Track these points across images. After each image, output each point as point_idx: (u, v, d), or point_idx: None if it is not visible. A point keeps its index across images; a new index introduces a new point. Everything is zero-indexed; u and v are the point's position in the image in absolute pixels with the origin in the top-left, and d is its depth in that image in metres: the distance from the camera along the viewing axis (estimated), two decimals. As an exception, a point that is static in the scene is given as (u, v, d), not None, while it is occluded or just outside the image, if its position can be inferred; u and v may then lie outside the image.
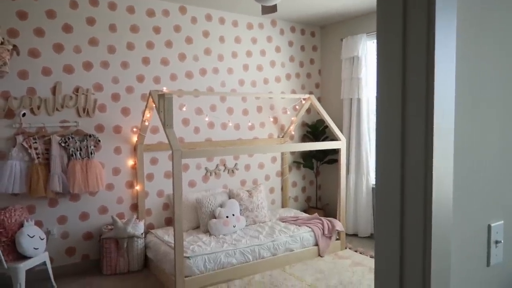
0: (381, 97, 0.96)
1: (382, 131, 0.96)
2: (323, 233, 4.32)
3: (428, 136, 0.86)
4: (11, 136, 3.63)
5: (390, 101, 0.94)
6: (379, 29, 0.95)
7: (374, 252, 1.01)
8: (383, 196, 0.96)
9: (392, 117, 0.92)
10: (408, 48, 0.90)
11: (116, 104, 4.12)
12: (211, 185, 4.76)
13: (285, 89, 5.29)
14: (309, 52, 5.51)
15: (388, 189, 0.93)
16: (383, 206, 0.95)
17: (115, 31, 4.07)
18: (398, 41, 0.91)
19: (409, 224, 0.91)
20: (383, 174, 0.95)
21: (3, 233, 3.34)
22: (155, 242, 4.00)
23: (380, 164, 0.96)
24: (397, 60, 0.91)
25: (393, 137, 0.92)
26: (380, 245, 0.98)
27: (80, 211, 4.00)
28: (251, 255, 3.84)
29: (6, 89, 3.59)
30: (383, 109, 0.96)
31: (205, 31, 4.62)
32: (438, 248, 0.88)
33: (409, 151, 0.89)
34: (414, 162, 0.89)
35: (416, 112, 0.88)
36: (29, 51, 3.67)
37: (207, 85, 4.67)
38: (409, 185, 0.89)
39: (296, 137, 5.45)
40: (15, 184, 3.55)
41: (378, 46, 0.98)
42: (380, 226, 0.96)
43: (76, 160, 3.81)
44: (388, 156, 0.94)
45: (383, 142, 0.95)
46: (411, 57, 0.89)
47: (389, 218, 0.93)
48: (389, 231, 0.95)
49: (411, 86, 0.89)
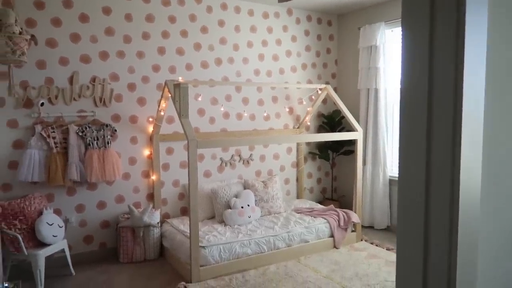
0: (406, 85, 0.92)
1: (406, 121, 0.91)
2: (339, 225, 4.28)
3: (456, 126, 0.82)
4: (30, 125, 3.68)
5: (415, 89, 0.89)
6: (404, 12, 0.91)
7: (396, 250, 0.98)
8: (406, 190, 0.92)
9: (418, 106, 0.88)
10: (435, 33, 0.85)
11: (132, 94, 4.13)
12: (226, 175, 4.76)
13: (301, 79, 5.23)
14: (326, 42, 5.42)
15: (412, 184, 0.89)
16: (406, 201, 0.92)
17: (131, 20, 4.06)
18: (425, 25, 0.86)
19: (434, 220, 0.87)
20: (407, 167, 0.91)
21: (23, 220, 3.41)
22: (170, 231, 4.03)
23: (404, 156, 0.92)
24: (424, 46, 0.87)
25: (418, 128, 0.88)
26: (403, 242, 0.95)
27: (98, 200, 4.05)
28: (266, 246, 3.84)
29: (24, 79, 3.63)
30: (407, 97, 0.92)
31: (220, 21, 4.58)
32: (465, 246, 0.85)
33: (435, 143, 0.85)
34: (440, 155, 0.84)
35: (443, 100, 0.84)
36: (46, 41, 3.69)
37: (222, 75, 4.64)
38: (434, 179, 0.85)
39: (312, 128, 5.39)
40: (34, 173, 3.61)
41: (403, 29, 0.93)
42: (403, 223, 0.92)
43: (93, 150, 3.85)
44: (412, 148, 0.90)
45: (407, 133, 0.91)
46: (439, 41, 0.85)
47: (413, 214, 0.90)
48: (412, 229, 0.91)
49: (439, 73, 0.85)
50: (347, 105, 4.96)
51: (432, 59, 0.86)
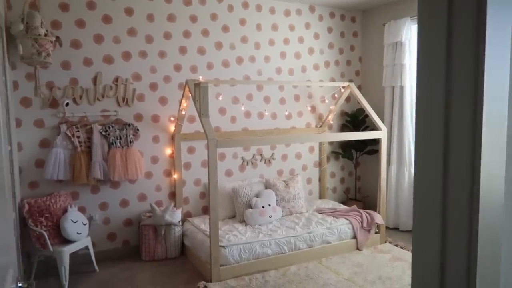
0: (422, 82, 0.86)
1: (422, 123, 0.86)
2: (362, 226, 4.19)
3: (476, 128, 0.75)
4: (56, 125, 3.77)
5: (432, 87, 0.83)
6: (420, 2, 0.85)
7: (412, 256, 0.92)
8: (421, 197, 0.86)
9: (434, 105, 0.82)
10: (454, 25, 0.79)
11: (154, 93, 4.17)
12: (247, 174, 4.74)
13: (323, 77, 5.14)
14: (349, 38, 5.30)
15: (428, 191, 0.83)
16: (422, 205, 0.86)
17: (153, 20, 4.10)
18: (443, 17, 0.80)
19: (451, 230, 0.81)
20: (422, 173, 0.85)
21: (49, 217, 3.50)
22: (192, 230, 4.05)
23: (420, 161, 0.86)
24: (441, 40, 0.81)
25: (435, 130, 0.82)
26: (418, 248, 0.89)
27: (121, 198, 4.11)
28: (287, 246, 3.79)
29: (50, 80, 3.73)
30: (423, 96, 0.86)
31: (241, 19, 4.56)
32: (486, 252, 0.78)
33: (453, 146, 0.79)
34: (459, 159, 0.78)
35: (462, 99, 0.78)
36: (71, 42, 3.78)
37: (243, 74, 4.62)
38: (452, 186, 0.79)
39: (335, 127, 5.29)
40: (59, 171, 3.70)
41: (419, 20, 0.87)
42: (418, 228, 0.86)
43: (116, 149, 3.91)
44: (428, 152, 0.84)
45: (423, 135, 0.85)
46: (457, 34, 0.79)
47: (428, 224, 0.84)
48: (428, 233, 0.86)
49: (457, 69, 0.79)
50: (371, 103, 4.84)
51: (450, 54, 0.80)
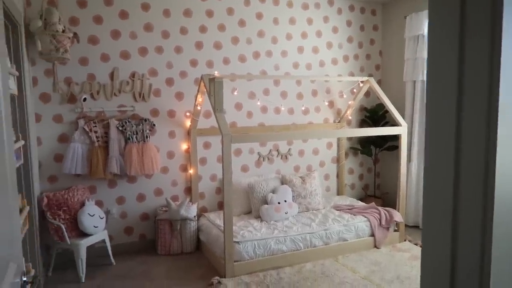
0: (433, 76, 0.80)
1: (433, 118, 0.79)
2: (380, 224, 4.09)
3: (490, 122, 0.69)
4: (74, 120, 3.82)
5: (444, 81, 0.77)
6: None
7: (421, 255, 0.86)
8: (432, 190, 0.80)
9: (446, 99, 0.76)
10: (467, 15, 0.73)
11: (170, 88, 4.18)
12: (263, 170, 4.70)
13: (342, 72, 5.03)
14: (369, 32, 5.17)
15: (438, 190, 0.77)
16: (432, 206, 0.80)
17: (169, 16, 4.10)
18: (456, 8, 0.73)
19: (464, 223, 0.75)
20: (433, 172, 0.79)
21: (67, 211, 3.56)
22: (207, 225, 4.05)
23: (430, 159, 0.80)
24: (454, 31, 0.74)
25: (446, 122, 0.76)
26: (428, 246, 0.83)
27: (137, 193, 4.14)
28: (302, 243, 3.74)
29: (68, 75, 3.78)
30: (434, 90, 0.79)
31: (258, 13, 4.50)
32: (501, 251, 0.72)
33: (465, 142, 0.73)
34: (472, 153, 0.72)
35: (475, 92, 0.71)
36: (88, 38, 3.81)
37: (260, 69, 4.57)
38: (464, 185, 0.73)
39: (354, 122, 5.19)
40: (77, 166, 3.76)
41: (430, 11, 0.81)
42: (428, 226, 0.81)
43: (132, 144, 3.94)
44: (439, 149, 0.78)
45: (434, 131, 0.79)
46: (471, 24, 0.72)
47: (439, 220, 0.78)
48: (438, 231, 0.80)
49: (470, 62, 0.72)
50: (392, 98, 4.71)
51: (463, 46, 0.73)
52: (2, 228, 1.11)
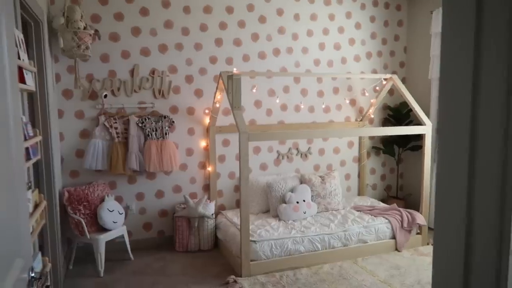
0: (446, 74, 0.73)
1: (445, 116, 0.73)
2: (402, 226, 3.96)
3: (509, 118, 0.62)
4: (95, 116, 3.88)
5: (458, 78, 0.70)
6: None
7: (433, 257, 0.80)
8: (444, 202, 0.74)
9: (460, 97, 0.69)
10: (484, 11, 0.66)
11: (190, 85, 4.18)
12: (282, 169, 4.65)
13: (365, 69, 4.91)
14: (394, 28, 5.02)
15: (451, 195, 0.71)
16: (445, 204, 0.73)
17: (189, 12, 4.09)
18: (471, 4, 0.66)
19: (479, 226, 0.68)
20: (446, 172, 0.72)
21: (87, 206, 3.61)
22: (224, 223, 4.03)
23: (443, 159, 0.73)
24: (469, 28, 0.67)
25: (460, 120, 0.69)
26: (440, 248, 0.77)
27: (156, 189, 4.17)
28: (320, 244, 3.67)
29: (90, 72, 3.83)
30: (448, 88, 0.73)
31: (279, 9, 4.44)
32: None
33: (481, 138, 0.66)
34: (489, 152, 0.65)
35: (492, 90, 0.64)
36: (109, 35, 3.85)
37: (280, 66, 4.51)
38: (479, 188, 0.66)
39: (376, 121, 5.05)
40: (97, 161, 3.81)
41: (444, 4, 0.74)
42: (441, 228, 0.74)
43: (151, 140, 3.96)
44: (452, 145, 0.71)
45: (447, 131, 0.72)
46: (488, 20, 0.65)
47: (452, 218, 0.71)
48: (451, 233, 0.73)
49: (487, 60, 0.65)
50: (417, 96, 4.56)
51: (479, 41, 0.66)
52: (7, 225, 1.10)
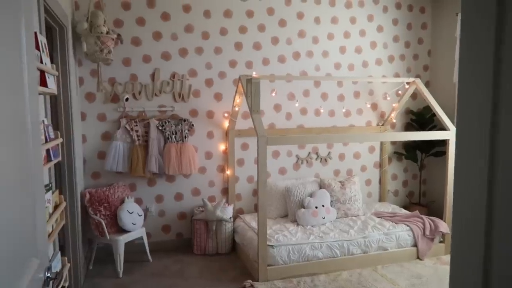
0: (465, 77, 0.69)
1: (465, 117, 0.69)
2: (424, 234, 3.86)
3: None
4: (116, 119, 3.94)
5: (477, 82, 0.67)
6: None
7: (450, 263, 0.76)
8: (462, 210, 0.70)
9: (479, 100, 0.66)
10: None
11: (209, 89, 4.20)
12: (302, 173, 4.60)
13: (387, 73, 4.82)
14: (417, 31, 4.91)
15: (470, 203, 0.67)
16: (463, 207, 0.70)
17: (209, 17, 4.12)
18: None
19: (499, 230, 0.65)
20: (463, 180, 0.69)
21: (107, 207, 3.67)
22: (242, 227, 4.02)
23: (460, 166, 0.70)
24: (490, 31, 0.64)
25: (480, 126, 0.65)
26: (458, 254, 0.73)
27: (175, 192, 4.20)
28: (339, 250, 3.61)
29: (112, 76, 3.90)
30: (466, 91, 0.69)
31: (299, 13, 4.42)
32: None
33: (503, 144, 0.63)
34: (509, 164, 0.62)
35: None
36: (131, 39, 3.92)
37: (300, 70, 4.48)
38: (499, 195, 0.63)
39: (398, 126, 4.95)
40: (118, 164, 3.87)
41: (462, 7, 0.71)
42: (457, 254, 0.70)
43: (171, 143, 4.00)
44: (471, 152, 0.68)
45: (466, 134, 0.69)
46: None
47: (470, 242, 0.68)
48: (470, 238, 0.70)
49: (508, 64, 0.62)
50: (441, 101, 4.44)
51: (499, 44, 0.63)
52: (23, 225, 1.12)
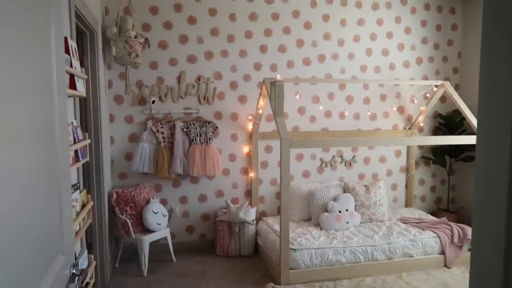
0: (487, 78, 0.68)
1: (486, 116, 0.68)
2: (452, 241, 3.74)
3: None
4: (143, 121, 4.03)
5: (500, 85, 0.65)
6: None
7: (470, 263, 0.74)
8: (482, 217, 0.68)
9: (501, 106, 0.64)
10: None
11: (234, 92, 4.23)
12: (326, 177, 4.56)
13: (414, 75, 4.72)
14: (447, 32, 4.78)
15: (490, 210, 0.66)
16: (482, 233, 0.68)
17: (235, 20, 4.16)
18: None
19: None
20: (484, 188, 0.67)
21: (133, 207, 3.75)
22: (265, 230, 4.02)
23: (481, 172, 0.68)
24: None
25: (500, 137, 0.64)
26: (478, 253, 0.71)
27: (199, 193, 4.25)
28: (363, 256, 3.55)
29: (139, 79, 4.00)
30: (488, 94, 0.68)
31: (325, 15, 4.39)
32: None
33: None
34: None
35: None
36: (159, 43, 4.00)
37: (325, 72, 4.45)
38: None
39: (426, 129, 4.83)
40: (144, 165, 3.95)
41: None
42: (477, 259, 0.69)
43: (196, 145, 4.05)
44: (493, 153, 0.66)
45: (486, 144, 0.67)
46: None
47: (490, 247, 0.66)
48: (490, 239, 0.68)
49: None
50: (471, 104, 4.30)
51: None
52: (51, 222, 1.17)
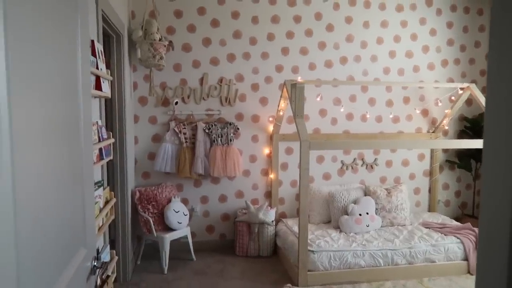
0: (495, 77, 0.68)
1: (491, 129, 0.68)
2: (476, 247, 3.64)
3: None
4: (166, 122, 4.13)
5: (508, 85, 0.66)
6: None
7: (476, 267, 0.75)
8: (489, 226, 0.69)
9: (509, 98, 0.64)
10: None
11: (255, 94, 4.27)
12: (346, 179, 4.54)
13: (439, 78, 4.63)
14: (474, 34, 4.67)
15: (498, 196, 0.66)
16: (489, 239, 0.69)
17: (257, 23, 4.20)
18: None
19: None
20: (491, 195, 0.68)
21: (155, 206, 3.84)
22: (284, 231, 4.04)
23: (488, 180, 0.69)
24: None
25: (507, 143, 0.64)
26: (484, 259, 0.71)
27: (220, 193, 4.31)
28: (383, 260, 3.51)
29: (163, 80, 4.09)
30: (496, 94, 0.68)
31: (348, 17, 4.37)
32: None
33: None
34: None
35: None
36: (182, 46, 4.09)
37: (347, 74, 4.43)
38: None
39: (451, 133, 4.73)
40: (167, 164, 4.04)
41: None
42: (482, 265, 0.69)
43: (217, 146, 4.11)
44: (497, 167, 0.66)
45: (492, 149, 0.68)
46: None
47: (498, 226, 0.66)
48: (496, 241, 0.68)
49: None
50: (498, 107, 4.18)
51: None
52: (75, 217, 1.23)
